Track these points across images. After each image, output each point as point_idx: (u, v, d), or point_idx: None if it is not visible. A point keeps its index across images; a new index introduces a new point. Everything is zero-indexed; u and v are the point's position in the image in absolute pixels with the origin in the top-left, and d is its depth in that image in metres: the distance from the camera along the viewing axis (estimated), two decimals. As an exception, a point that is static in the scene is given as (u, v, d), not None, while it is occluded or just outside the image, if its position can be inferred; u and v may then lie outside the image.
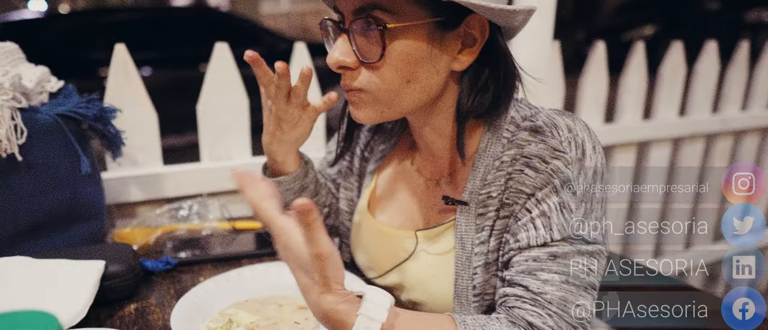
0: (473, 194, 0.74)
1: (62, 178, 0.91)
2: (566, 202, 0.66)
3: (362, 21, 0.65)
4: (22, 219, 0.89)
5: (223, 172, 1.30)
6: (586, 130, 0.69)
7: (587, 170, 0.67)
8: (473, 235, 0.73)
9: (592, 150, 0.68)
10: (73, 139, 0.90)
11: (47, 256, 0.83)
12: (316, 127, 1.40)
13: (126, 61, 1.16)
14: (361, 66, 0.67)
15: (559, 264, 0.65)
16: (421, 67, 0.67)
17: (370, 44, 0.66)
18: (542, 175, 0.66)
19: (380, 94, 0.68)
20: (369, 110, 0.71)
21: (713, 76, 2.05)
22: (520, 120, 0.72)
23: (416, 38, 0.65)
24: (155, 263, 0.93)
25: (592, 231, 0.66)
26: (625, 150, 1.92)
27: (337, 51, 0.67)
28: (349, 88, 0.69)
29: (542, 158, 0.67)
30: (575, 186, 0.66)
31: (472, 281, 0.74)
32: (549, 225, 0.66)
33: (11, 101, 0.84)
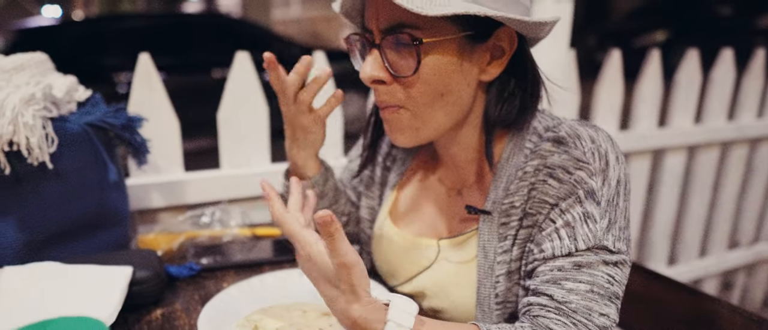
0: (496, 204, 0.75)
1: (90, 186, 0.93)
2: (590, 213, 0.66)
3: (394, 37, 0.66)
4: (51, 225, 0.91)
5: (243, 178, 1.32)
6: (609, 140, 0.70)
7: (610, 180, 0.67)
8: (496, 244, 0.74)
9: (616, 160, 0.68)
10: (101, 147, 0.92)
11: (76, 262, 0.85)
12: (334, 135, 1.41)
13: (150, 70, 1.19)
14: (395, 81, 0.69)
15: (583, 273, 0.65)
16: (453, 80, 0.69)
17: (403, 59, 0.68)
18: (566, 186, 0.67)
19: (418, 110, 0.70)
20: (408, 132, 0.72)
21: (729, 84, 2.05)
22: (542, 130, 0.74)
23: (448, 52, 0.67)
24: (179, 269, 0.95)
25: (616, 241, 0.67)
26: (641, 157, 1.92)
27: (369, 66, 0.69)
28: (387, 104, 0.71)
29: (566, 169, 0.68)
30: (599, 196, 0.67)
31: (494, 289, 0.75)
32: (573, 235, 0.66)
33: (43, 111, 0.86)
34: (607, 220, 0.67)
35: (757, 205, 2.37)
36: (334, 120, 1.41)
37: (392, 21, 0.66)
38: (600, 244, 0.66)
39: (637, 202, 1.97)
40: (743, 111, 2.14)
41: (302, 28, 16.57)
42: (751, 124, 2.15)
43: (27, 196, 0.88)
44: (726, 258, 2.31)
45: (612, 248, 0.66)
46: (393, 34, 0.67)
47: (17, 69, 0.91)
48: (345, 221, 1.01)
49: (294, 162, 0.91)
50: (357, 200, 1.02)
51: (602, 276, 0.65)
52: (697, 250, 2.23)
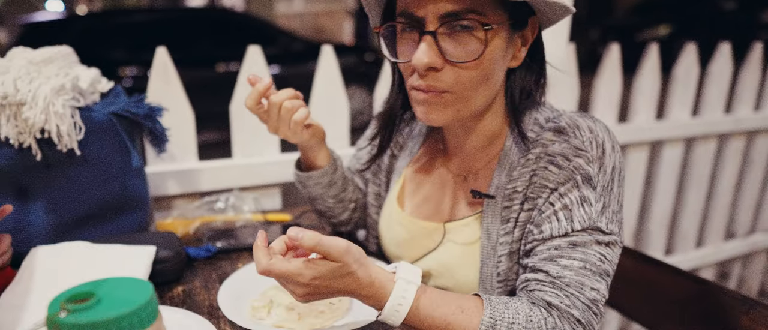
0: (499, 189, 0.80)
1: (114, 171, 0.99)
2: (587, 197, 0.72)
3: (456, 23, 0.68)
4: (79, 208, 0.97)
5: (253, 167, 1.38)
6: (606, 130, 0.75)
7: (606, 167, 0.73)
8: (499, 226, 0.80)
9: (612, 149, 0.74)
10: (124, 135, 0.98)
11: (103, 242, 0.91)
12: (341, 127, 1.47)
13: (166, 63, 1.24)
14: (447, 65, 0.71)
15: (577, 251, 0.71)
16: (497, 65, 0.73)
17: (460, 45, 0.69)
18: (565, 172, 0.73)
19: (463, 93, 0.73)
20: (449, 110, 0.74)
21: (726, 77, 2.09)
22: (543, 121, 0.79)
23: (501, 38, 0.71)
24: (197, 250, 1.01)
25: (609, 223, 0.72)
26: (639, 149, 1.96)
27: (425, 54, 0.69)
28: (433, 89, 0.72)
29: (565, 156, 0.73)
30: (595, 182, 0.72)
31: (496, 269, 0.80)
32: (570, 217, 0.72)
33: (71, 101, 0.92)
34: (601, 203, 0.72)
35: (753, 196, 2.41)
36: (340, 112, 1.47)
37: (458, 6, 0.67)
38: (594, 225, 0.71)
39: (635, 193, 2.02)
40: (740, 104, 2.19)
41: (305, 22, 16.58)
42: (748, 116, 2.20)
43: (56, 181, 0.94)
44: (722, 248, 2.36)
45: (605, 229, 0.72)
46: (456, 20, 0.68)
47: (46, 61, 0.96)
48: (353, 207, 1.07)
49: (304, 154, 0.97)
50: (365, 187, 1.08)
51: (595, 254, 0.71)
52: (693, 241, 2.29)
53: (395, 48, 0.77)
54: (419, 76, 0.72)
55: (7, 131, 0.88)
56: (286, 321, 0.78)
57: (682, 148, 2.08)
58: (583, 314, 0.68)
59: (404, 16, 0.72)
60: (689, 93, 2.01)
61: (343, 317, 0.80)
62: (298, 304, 0.82)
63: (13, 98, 0.86)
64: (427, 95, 0.73)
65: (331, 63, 1.42)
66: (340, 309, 0.81)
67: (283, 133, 0.88)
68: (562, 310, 0.68)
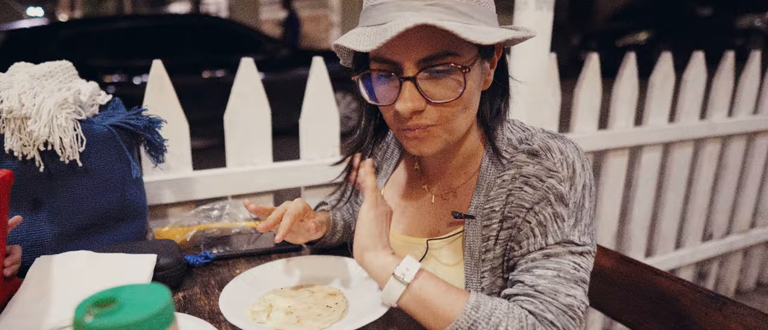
0: (479, 209, 0.85)
1: (114, 182, 1.02)
2: (559, 213, 0.77)
3: (434, 68, 0.71)
4: (80, 218, 0.99)
5: (246, 176, 1.41)
6: (575, 151, 0.80)
7: (577, 186, 0.78)
8: (480, 244, 0.84)
9: (581, 168, 0.79)
10: (124, 147, 1.01)
11: (104, 251, 0.94)
12: (330, 134, 1.51)
13: (162, 76, 1.27)
14: (428, 105, 0.74)
15: (551, 262, 0.77)
16: (474, 94, 0.78)
17: (439, 85, 0.73)
18: (539, 192, 0.78)
19: (448, 125, 0.77)
20: (438, 141, 0.78)
21: (701, 85, 2.17)
22: (516, 142, 0.84)
23: (476, 72, 0.76)
24: (195, 257, 1.04)
25: (582, 236, 0.78)
26: (618, 154, 2.03)
27: (408, 101, 0.72)
28: (420, 127, 0.76)
29: (539, 177, 0.79)
30: (567, 199, 0.77)
31: (480, 284, 0.85)
32: (545, 233, 0.78)
33: (74, 114, 0.95)
34: (573, 219, 0.78)
35: (728, 198, 2.50)
36: (331, 121, 1.51)
37: (434, 50, 0.70)
38: (567, 238, 0.77)
39: (615, 196, 2.09)
40: (715, 110, 2.27)
41: (290, 28, 16.55)
42: (723, 121, 2.28)
43: (59, 192, 0.97)
44: (700, 249, 2.44)
45: (577, 241, 0.77)
46: (433, 64, 0.71)
47: (46, 76, 0.99)
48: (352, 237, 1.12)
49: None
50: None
51: (568, 263, 0.76)
52: (673, 242, 2.36)
53: (373, 90, 0.79)
54: (405, 118, 0.75)
55: (11, 144, 0.91)
56: (285, 324, 0.82)
57: (660, 152, 2.16)
58: (558, 318, 0.73)
59: (379, 61, 0.74)
60: (666, 100, 2.09)
61: (341, 320, 0.84)
62: (296, 308, 0.86)
63: (18, 112, 0.89)
64: (415, 132, 0.77)
65: (322, 74, 1.47)
66: (336, 312, 0.85)
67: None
68: (537, 314, 0.73)
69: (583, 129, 1.92)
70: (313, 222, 0.94)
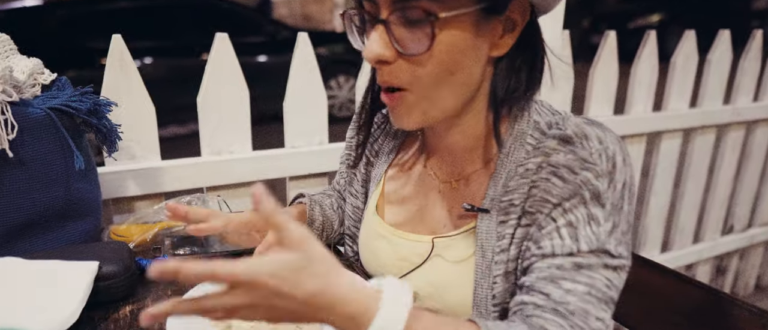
0: (495, 201, 0.70)
1: (55, 175, 0.87)
2: (595, 215, 0.63)
3: (406, 11, 0.60)
4: (15, 217, 0.85)
5: (222, 165, 1.27)
6: (616, 142, 0.66)
7: (616, 183, 0.63)
8: (494, 242, 0.70)
9: (623, 163, 0.64)
10: (65, 134, 0.86)
11: (40, 257, 0.80)
12: (318, 122, 1.36)
13: (123, 51, 1.13)
14: (400, 58, 0.63)
15: (582, 275, 0.61)
16: (465, 56, 0.63)
17: (414, 36, 0.61)
18: (570, 186, 0.63)
19: (424, 91, 0.64)
20: (415, 112, 0.66)
21: (726, 66, 2.00)
22: (545, 126, 0.69)
23: (463, 27, 0.61)
24: (152, 262, 0.90)
25: (618, 246, 0.63)
26: (635, 141, 1.88)
27: (375, 44, 0.62)
28: (389, 84, 0.65)
29: (571, 168, 0.64)
30: (604, 199, 0.63)
31: (492, 290, 0.70)
32: (576, 236, 0.62)
33: (1, 95, 0.80)
34: (610, 223, 0.63)
35: (751, 189, 2.34)
36: (318, 105, 1.36)
37: None
38: (602, 247, 0.62)
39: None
40: (740, 94, 2.10)
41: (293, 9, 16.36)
42: (748, 106, 2.11)
43: (-14, 186, 0.83)
44: (720, 243, 2.29)
45: (613, 252, 0.63)
46: (405, 5, 0.60)
47: (-26, 50, 0.85)
48: (340, 237, 0.99)
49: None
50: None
51: (601, 279, 0.62)
52: (691, 236, 2.21)
53: (361, 38, 0.69)
54: (378, 72, 0.65)
55: (-76, 131, 0.77)
56: (245, 349, 0.68)
57: (680, 139, 2.00)
58: None
59: (362, 1, 0.64)
60: (688, 83, 1.92)
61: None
62: (260, 326, 0.72)
63: (-72, 93, 0.74)
64: (390, 98, 0.66)
65: (308, 52, 1.31)
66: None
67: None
68: None
69: (597, 114, 1.76)
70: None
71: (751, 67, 2.09)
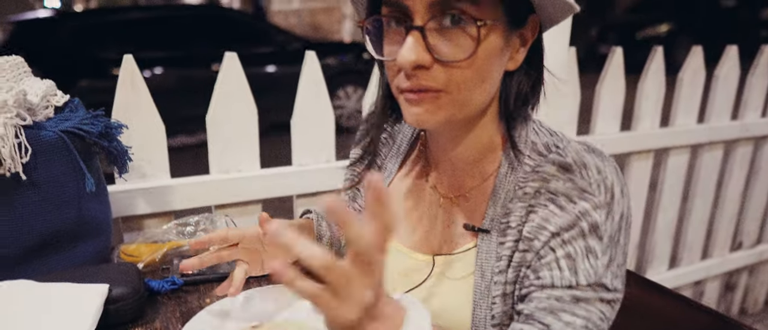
0: (495, 222, 0.71)
1: (67, 196, 0.89)
2: (593, 248, 0.63)
3: (446, 18, 0.60)
4: (28, 239, 0.87)
5: (231, 184, 1.28)
6: (615, 172, 0.66)
7: (614, 215, 0.64)
8: (493, 263, 0.70)
9: (621, 194, 0.65)
10: (77, 156, 0.88)
11: (52, 279, 0.81)
12: (325, 138, 1.37)
13: (133, 72, 1.14)
14: (437, 64, 0.62)
15: (581, 308, 0.62)
16: (494, 66, 0.64)
17: (455, 42, 0.61)
18: (569, 216, 0.64)
19: (459, 95, 0.64)
20: (442, 113, 0.65)
21: (734, 82, 2.00)
22: (542, 148, 0.70)
23: (497, 36, 0.63)
24: (161, 283, 0.91)
25: (614, 279, 0.64)
26: (643, 158, 1.87)
27: (412, 51, 0.61)
28: (426, 88, 0.64)
29: (569, 197, 0.64)
30: (602, 231, 0.63)
31: (491, 311, 0.71)
32: (574, 268, 0.63)
33: (15, 119, 0.82)
34: (607, 256, 0.63)
35: (760, 205, 2.32)
36: (325, 122, 1.37)
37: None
38: (599, 281, 0.63)
39: (639, 203, 1.93)
40: (748, 109, 2.10)
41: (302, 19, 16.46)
42: (756, 122, 2.10)
43: (1, 209, 0.84)
44: (728, 259, 2.27)
45: (609, 286, 0.63)
46: (446, 11, 0.60)
47: (-10, 74, 0.86)
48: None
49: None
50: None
51: (596, 313, 0.63)
52: (699, 252, 2.19)
53: (381, 45, 0.68)
54: (406, 76, 0.64)
55: (-60, 155, 0.78)
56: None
57: (687, 155, 1.99)
58: None
59: (389, 4, 0.64)
60: (695, 98, 1.92)
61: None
62: None
63: (-55, 118, 0.76)
64: (418, 96, 0.65)
65: (315, 69, 1.33)
66: None
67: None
68: None
69: (604, 130, 1.76)
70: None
71: (759, 82, 2.09)
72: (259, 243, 0.85)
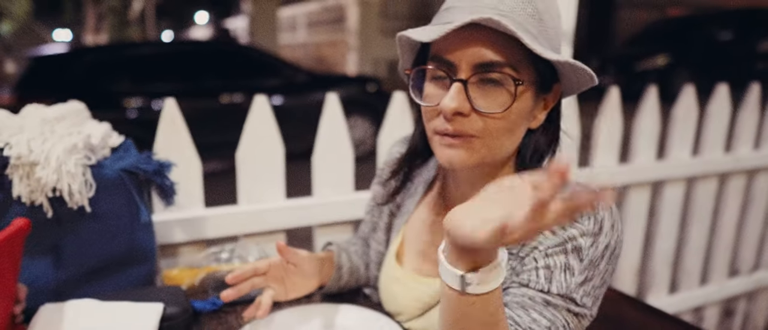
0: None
1: (123, 226, 1.00)
2: (571, 266, 0.74)
3: (488, 75, 0.71)
4: (87, 263, 0.98)
5: (258, 214, 1.39)
6: (608, 209, 0.77)
7: (599, 244, 0.74)
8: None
9: (610, 228, 0.75)
10: (134, 191, 1.00)
11: (111, 298, 0.92)
12: (344, 172, 1.49)
13: (174, 114, 1.27)
14: (474, 113, 0.73)
15: (549, 311, 0.73)
16: (522, 121, 0.76)
17: (492, 96, 0.72)
18: (557, 239, 0.75)
19: (491, 141, 0.75)
20: (475, 156, 0.75)
21: (725, 117, 2.12)
22: None
23: (528, 96, 0.74)
24: (203, 304, 1.02)
25: (584, 297, 0.74)
26: (640, 189, 1.98)
27: (454, 101, 0.71)
28: (463, 133, 0.74)
29: (561, 225, 0.75)
30: (584, 254, 0.74)
31: None
32: (550, 278, 0.74)
33: (83, 159, 0.94)
34: (583, 276, 0.74)
35: (756, 233, 2.42)
36: (345, 159, 1.48)
37: (492, 58, 0.70)
38: (570, 295, 0.73)
39: (637, 231, 2.03)
40: (740, 143, 2.21)
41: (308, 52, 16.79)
42: (748, 155, 2.21)
43: (66, 237, 0.95)
44: (727, 285, 2.35)
45: (578, 302, 0.74)
46: (489, 71, 0.71)
47: (58, 119, 0.99)
48: (365, 283, 1.10)
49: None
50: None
51: (562, 320, 0.73)
52: (697, 278, 2.28)
53: (421, 91, 0.79)
54: (446, 120, 0.74)
55: (19, 190, 0.90)
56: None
57: (683, 187, 2.09)
58: None
59: (436, 60, 0.74)
60: (689, 133, 2.04)
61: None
62: None
63: (26, 159, 0.88)
64: (454, 140, 0.75)
65: (336, 110, 1.45)
66: None
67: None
68: None
69: (603, 163, 1.87)
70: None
71: (751, 117, 2.20)
72: (283, 271, 0.96)
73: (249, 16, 14.91)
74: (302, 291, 0.98)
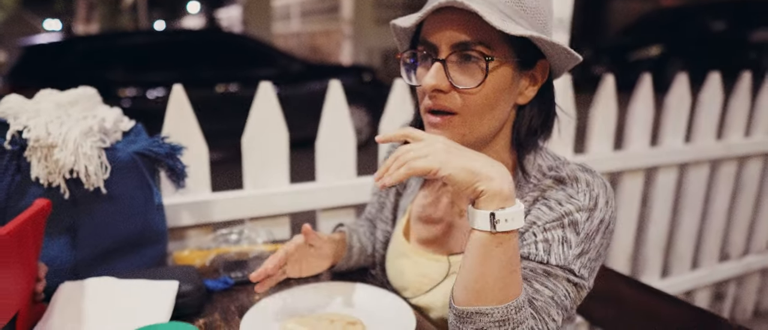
0: None
1: (137, 208, 1.03)
2: (568, 239, 0.79)
3: (464, 53, 0.77)
4: (103, 244, 1.01)
5: (263, 199, 1.42)
6: (603, 187, 0.81)
7: (594, 219, 0.79)
8: None
9: (605, 204, 0.80)
10: (147, 173, 1.03)
11: (128, 276, 0.95)
12: (347, 157, 1.52)
13: (182, 100, 1.29)
14: (453, 90, 0.78)
15: (550, 281, 0.78)
16: (502, 96, 0.80)
17: (469, 73, 0.78)
18: (555, 214, 0.80)
19: (470, 118, 0.80)
20: (456, 133, 0.81)
21: (717, 105, 2.16)
22: (546, 169, 0.86)
23: (505, 73, 0.78)
24: (216, 283, 1.05)
25: (582, 268, 0.79)
26: (634, 175, 2.02)
27: (433, 77, 0.78)
28: (443, 108, 0.80)
29: (559, 201, 0.81)
30: (580, 228, 0.79)
31: None
32: (548, 250, 0.79)
33: (98, 142, 0.96)
34: (580, 249, 0.79)
35: (746, 219, 2.47)
36: (347, 145, 1.52)
37: (467, 38, 0.76)
38: (568, 266, 0.78)
39: (631, 217, 2.08)
40: (731, 130, 2.26)
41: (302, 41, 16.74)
42: (739, 142, 2.26)
43: (82, 218, 0.98)
44: (717, 269, 2.41)
45: (576, 272, 0.79)
46: (463, 50, 0.76)
47: (71, 103, 1.01)
48: (371, 262, 1.14)
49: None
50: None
51: (562, 289, 0.78)
52: (689, 262, 2.34)
53: (412, 72, 0.86)
54: (429, 98, 0.80)
55: (37, 172, 0.93)
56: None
57: (675, 173, 2.14)
58: None
59: (423, 43, 0.81)
60: (681, 121, 2.08)
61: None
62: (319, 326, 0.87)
63: (45, 141, 0.91)
64: (437, 119, 0.81)
65: (339, 97, 1.48)
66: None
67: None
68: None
69: (597, 150, 1.91)
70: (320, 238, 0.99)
71: (741, 105, 2.25)
72: (304, 251, 0.99)
73: (242, 6, 14.84)
74: (316, 270, 1.01)
